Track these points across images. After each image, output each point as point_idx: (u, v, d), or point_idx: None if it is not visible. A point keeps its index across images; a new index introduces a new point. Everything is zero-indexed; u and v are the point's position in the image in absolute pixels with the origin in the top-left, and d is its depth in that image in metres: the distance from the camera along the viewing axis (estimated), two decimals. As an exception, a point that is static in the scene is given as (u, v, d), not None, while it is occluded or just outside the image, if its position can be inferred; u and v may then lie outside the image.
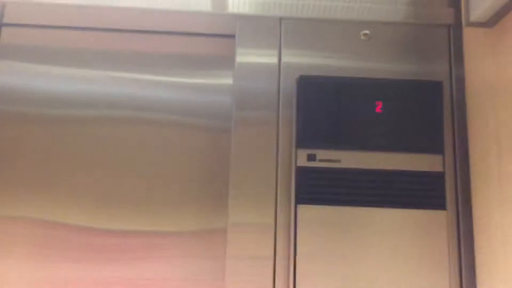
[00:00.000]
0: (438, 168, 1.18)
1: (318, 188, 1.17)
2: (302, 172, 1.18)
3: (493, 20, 1.08)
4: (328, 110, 1.20)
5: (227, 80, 1.32)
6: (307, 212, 1.16)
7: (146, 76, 1.33)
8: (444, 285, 1.12)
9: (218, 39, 1.35)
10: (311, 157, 1.18)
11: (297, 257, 1.14)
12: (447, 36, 1.27)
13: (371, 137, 1.19)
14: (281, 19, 1.27)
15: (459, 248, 1.16)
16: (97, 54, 1.33)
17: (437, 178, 1.17)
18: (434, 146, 1.19)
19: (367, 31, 1.27)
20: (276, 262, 1.15)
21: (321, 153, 1.18)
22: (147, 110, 1.31)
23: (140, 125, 1.30)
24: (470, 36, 1.21)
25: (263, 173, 1.19)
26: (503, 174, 1.04)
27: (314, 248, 1.14)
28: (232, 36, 1.29)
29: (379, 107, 1.20)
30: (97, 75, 1.32)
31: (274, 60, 1.25)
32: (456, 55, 1.26)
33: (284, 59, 1.26)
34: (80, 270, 1.21)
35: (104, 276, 1.21)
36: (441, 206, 1.16)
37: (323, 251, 1.14)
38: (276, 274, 1.15)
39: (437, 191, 1.17)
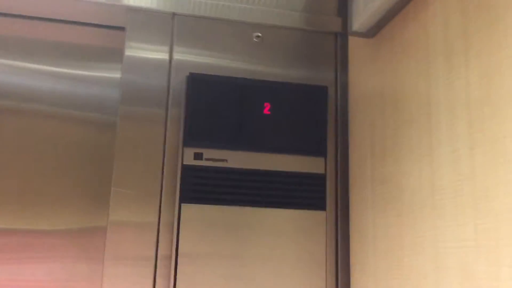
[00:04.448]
0: (320, 170, 1.22)
1: (204, 187, 1.16)
2: (188, 171, 1.16)
3: (373, 31, 1.14)
4: (217, 110, 1.20)
5: (115, 74, 1.28)
6: (191, 211, 1.15)
7: (28, 65, 1.25)
8: (321, 283, 1.17)
9: (108, 31, 1.30)
10: (197, 156, 1.17)
11: (179, 256, 1.12)
12: (334, 44, 1.33)
13: (258, 138, 1.20)
14: (174, 14, 1.26)
15: (336, 248, 1.21)
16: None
17: (318, 180, 1.22)
18: (317, 149, 1.23)
19: (259, 34, 1.29)
20: (158, 262, 1.13)
21: (208, 152, 1.18)
22: (28, 101, 1.23)
23: (20, 116, 1.22)
24: (354, 45, 1.27)
25: (148, 171, 1.16)
26: (375, 176, 1.10)
27: (197, 247, 1.13)
28: (123, 29, 1.25)
29: (267, 108, 1.22)
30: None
31: (165, 56, 1.23)
32: (342, 62, 1.31)
33: (176, 56, 1.24)
34: None
35: (-28, 278, 1.12)
36: (321, 207, 1.21)
37: (205, 250, 1.14)
38: (157, 274, 1.12)
39: (318, 192, 1.21)
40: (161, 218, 1.15)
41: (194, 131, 1.18)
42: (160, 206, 1.16)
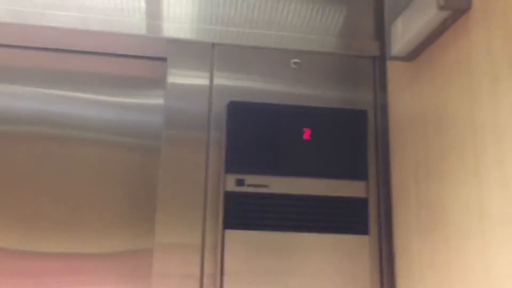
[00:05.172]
0: (361, 194, 1.22)
1: (246, 213, 1.18)
2: (230, 197, 1.18)
3: (412, 55, 1.14)
4: (257, 136, 1.21)
5: (158, 101, 1.32)
6: (234, 236, 1.16)
7: (76, 94, 1.31)
8: (365, 309, 1.15)
9: (151, 62, 1.34)
10: (239, 182, 1.19)
11: (224, 279, 1.13)
12: (372, 68, 1.33)
13: (298, 163, 1.21)
14: (213, 44, 1.29)
15: (381, 272, 1.20)
16: (28, 71, 1.30)
17: (360, 204, 1.21)
18: (358, 173, 1.23)
19: (297, 60, 1.31)
20: (204, 282, 1.14)
21: (249, 178, 1.20)
22: (76, 129, 1.28)
23: (68, 143, 1.27)
24: (393, 69, 1.27)
25: (191, 195, 1.19)
26: (420, 201, 1.09)
27: (241, 272, 1.14)
28: (164, 59, 1.29)
29: (306, 134, 1.23)
30: (27, 92, 1.28)
31: (206, 82, 1.26)
32: (380, 86, 1.31)
33: (216, 82, 1.27)
34: (-4, 297, 1.15)
35: (25, 302, 1.16)
36: (364, 231, 1.20)
37: (249, 274, 1.14)
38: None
39: (360, 216, 1.21)
40: (205, 243, 1.17)
41: (236, 157, 1.20)
42: (203, 232, 1.17)
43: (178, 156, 1.21)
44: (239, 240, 1.16)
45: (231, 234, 1.16)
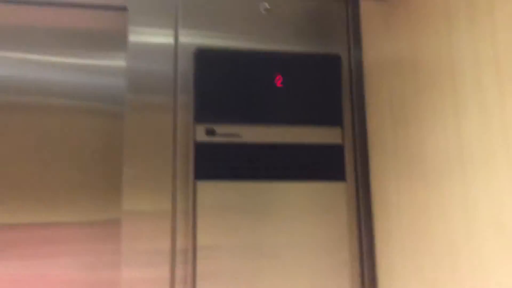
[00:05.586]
0: (337, 140, 1.18)
1: (218, 163, 1.13)
2: (201, 148, 1.13)
3: (385, -8, 1.09)
4: (227, 84, 1.16)
5: (120, 61, 1.24)
6: (207, 188, 1.12)
7: (29, 55, 1.21)
8: (343, 256, 1.13)
9: (110, 12, 1.25)
10: (210, 132, 1.14)
11: (197, 237, 1.09)
12: (345, 10, 1.28)
13: (271, 111, 1.17)
14: (177, -11, 1.21)
15: (359, 218, 1.18)
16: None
17: (336, 150, 1.18)
18: (333, 119, 1.19)
19: (266, 4, 1.24)
20: (176, 247, 1.10)
21: (220, 128, 1.15)
22: (31, 94, 1.19)
23: (24, 110, 1.18)
24: (367, 10, 1.22)
25: (159, 156, 1.13)
26: (397, 145, 1.06)
27: (214, 227, 1.10)
28: (125, 9, 1.20)
29: (279, 80, 1.18)
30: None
31: (170, 37, 1.19)
32: (354, 29, 1.26)
33: (181, 36, 1.20)
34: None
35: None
36: (341, 177, 1.17)
37: (223, 228, 1.11)
38: (176, 262, 1.10)
39: (336, 163, 1.17)
40: (176, 200, 1.12)
41: (205, 107, 1.15)
42: (174, 189, 1.12)
43: (144, 120, 1.14)
44: (212, 192, 1.11)
45: (203, 185, 1.11)
